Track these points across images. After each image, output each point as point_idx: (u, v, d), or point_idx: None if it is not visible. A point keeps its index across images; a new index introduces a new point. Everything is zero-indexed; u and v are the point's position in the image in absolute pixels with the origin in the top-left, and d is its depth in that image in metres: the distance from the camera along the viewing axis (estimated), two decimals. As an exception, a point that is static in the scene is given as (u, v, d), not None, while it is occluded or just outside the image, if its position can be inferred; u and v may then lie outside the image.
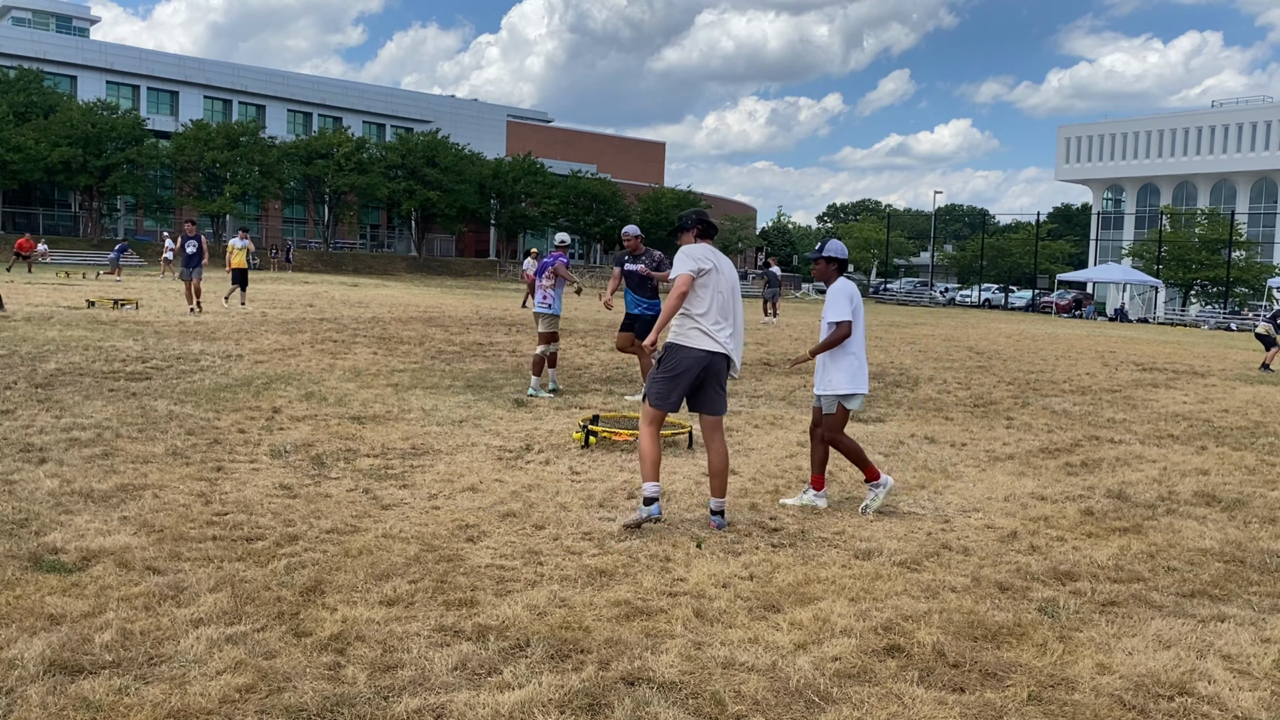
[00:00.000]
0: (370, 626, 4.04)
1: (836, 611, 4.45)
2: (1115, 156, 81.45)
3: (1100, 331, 34.99)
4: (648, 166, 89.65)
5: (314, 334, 16.18)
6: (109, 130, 54.19)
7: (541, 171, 68.16)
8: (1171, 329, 44.68)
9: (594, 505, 6.19)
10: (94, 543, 4.90)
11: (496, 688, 3.54)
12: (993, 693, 3.70)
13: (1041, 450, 8.96)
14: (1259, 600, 4.93)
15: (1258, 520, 6.63)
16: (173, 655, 3.68)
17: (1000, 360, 18.47)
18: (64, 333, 14.47)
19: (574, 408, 10.12)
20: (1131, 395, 13.71)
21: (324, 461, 7.07)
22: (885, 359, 17.36)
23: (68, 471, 6.33)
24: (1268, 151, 72.55)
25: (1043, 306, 60.83)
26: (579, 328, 20.73)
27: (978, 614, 4.51)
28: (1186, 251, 59.85)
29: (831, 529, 5.90)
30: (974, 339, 24.89)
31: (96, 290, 25.21)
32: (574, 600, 4.46)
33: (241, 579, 4.51)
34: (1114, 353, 22.22)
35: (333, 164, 60.84)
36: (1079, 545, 5.80)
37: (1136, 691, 3.76)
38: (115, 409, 8.62)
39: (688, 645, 4.00)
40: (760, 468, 7.57)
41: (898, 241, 77.86)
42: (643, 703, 3.47)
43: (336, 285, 37.45)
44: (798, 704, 3.54)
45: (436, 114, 76.78)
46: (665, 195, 74.58)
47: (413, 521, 5.62)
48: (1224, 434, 10.51)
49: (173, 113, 66.70)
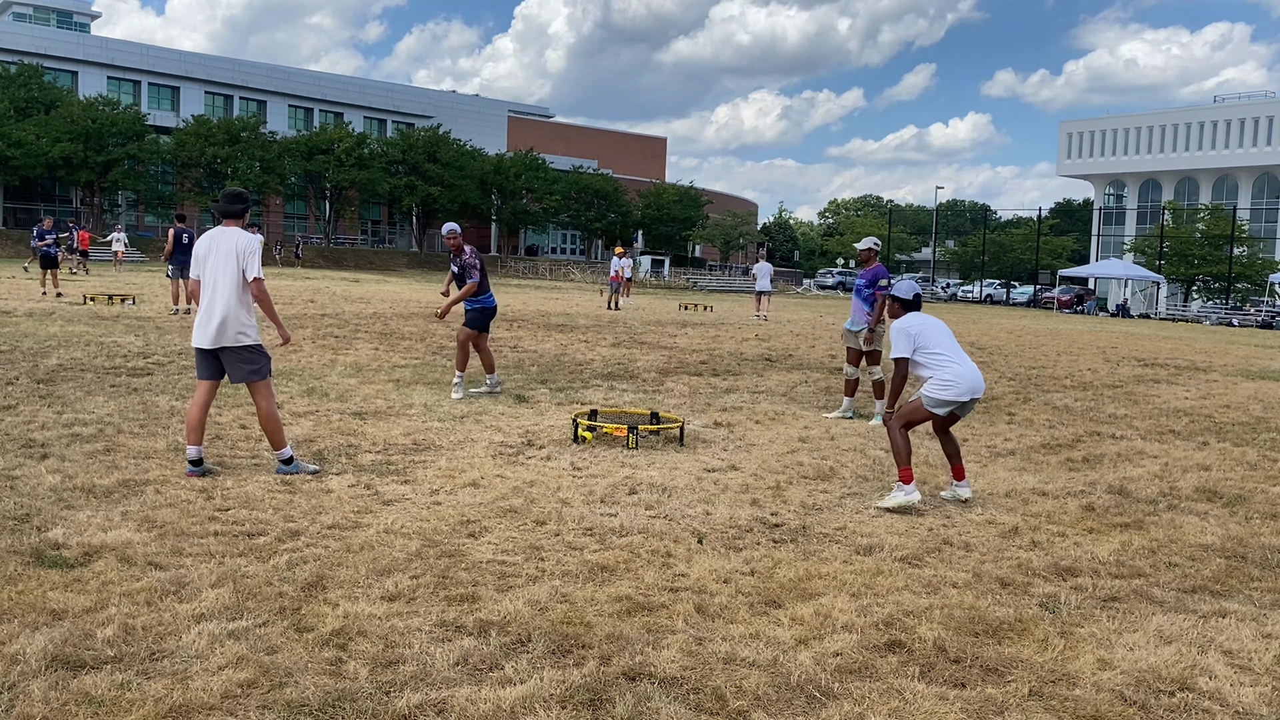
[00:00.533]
0: (372, 622, 4.04)
1: (838, 607, 4.45)
2: (1117, 152, 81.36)
3: (1102, 327, 34.97)
4: (649, 162, 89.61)
5: (315, 329, 16.18)
6: (110, 126, 54.16)
7: (543, 167, 68.12)
8: (1173, 325, 44.66)
9: (595, 501, 6.19)
10: (96, 538, 4.90)
11: (498, 683, 3.54)
12: (994, 688, 3.70)
13: (1043, 446, 8.96)
14: (1260, 596, 4.93)
15: (1259, 516, 6.62)
16: (174, 650, 3.68)
17: (1002, 356, 18.46)
18: (65, 328, 14.47)
19: (575, 403, 10.12)
20: (1133, 391, 13.70)
21: (325, 457, 7.07)
22: (885, 356, 17.35)
23: (69, 467, 6.34)
24: (1270, 147, 72.45)
25: (1044, 302, 60.81)
26: (580, 324, 20.73)
27: (979, 609, 4.52)
28: (1188, 247, 59.79)
29: (833, 525, 5.90)
30: (976, 335, 24.87)
31: (96, 286, 25.20)
32: (575, 596, 4.46)
33: (243, 574, 4.51)
34: (1115, 348, 22.20)
35: (334, 159, 60.82)
36: (1080, 541, 5.80)
37: (1138, 687, 3.76)
38: (117, 404, 8.63)
39: (689, 640, 4.00)
40: (761, 463, 7.57)
41: (900, 237, 77.74)
42: (644, 698, 3.47)
43: (338, 281, 37.45)
44: (799, 699, 3.54)
45: (438, 109, 76.73)
46: (667, 190, 74.56)
47: (414, 517, 5.62)
48: (1225, 429, 10.50)
49: (174, 108, 66.67)
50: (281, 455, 6.48)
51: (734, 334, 20.39)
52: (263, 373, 6.48)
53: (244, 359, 6.42)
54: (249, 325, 6.41)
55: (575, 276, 59.47)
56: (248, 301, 6.42)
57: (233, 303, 6.34)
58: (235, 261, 6.36)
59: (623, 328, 20.30)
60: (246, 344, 6.40)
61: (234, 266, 6.35)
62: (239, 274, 6.35)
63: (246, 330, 6.39)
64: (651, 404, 10.28)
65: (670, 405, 10.33)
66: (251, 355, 6.44)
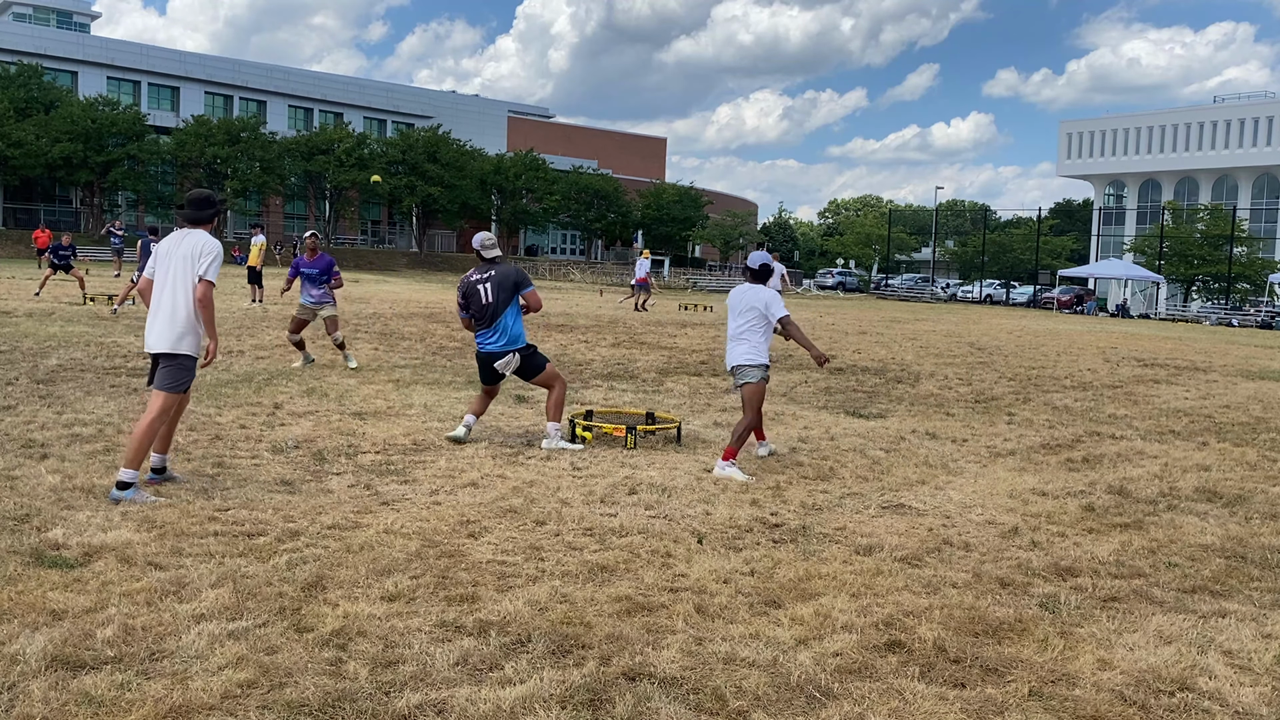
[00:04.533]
0: (372, 622, 4.04)
1: (838, 607, 4.45)
2: (1117, 152, 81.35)
3: (1102, 327, 34.97)
4: (649, 162, 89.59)
5: (315, 330, 16.17)
6: (110, 126, 54.13)
7: (543, 167, 68.09)
8: (1173, 325, 44.65)
9: (595, 501, 6.19)
10: (96, 538, 4.90)
11: (498, 683, 3.54)
12: (994, 688, 3.70)
13: (1043, 446, 8.96)
14: (1260, 596, 4.93)
15: (1259, 516, 6.62)
16: (174, 651, 3.68)
17: (1001, 356, 18.46)
18: (65, 328, 14.47)
19: (574, 403, 10.12)
20: (1133, 391, 13.70)
21: (325, 457, 7.07)
22: (886, 354, 17.36)
23: (69, 467, 6.34)
24: (1270, 147, 72.42)
25: (1044, 302, 60.74)
26: (580, 324, 20.73)
27: (979, 610, 4.52)
28: (1188, 247, 59.73)
29: (833, 525, 5.90)
30: (975, 335, 24.87)
31: (97, 286, 25.19)
32: (575, 596, 4.46)
33: (243, 574, 4.51)
34: (1115, 349, 22.20)
35: (334, 160, 60.81)
36: (1080, 541, 5.80)
37: (1137, 687, 3.76)
38: (117, 405, 8.63)
39: (689, 641, 4.00)
40: (761, 463, 7.57)
41: (899, 237, 77.70)
42: (644, 698, 3.47)
43: (338, 281, 37.40)
44: (799, 699, 3.54)
45: (438, 109, 76.70)
46: (667, 191, 74.51)
47: (414, 517, 5.62)
48: (1225, 430, 10.50)
49: (174, 108, 66.65)
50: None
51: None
52: (180, 387, 5.91)
53: (171, 364, 5.88)
54: (192, 332, 5.90)
55: (575, 277, 59.46)
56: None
57: (181, 306, 5.85)
58: (192, 265, 5.85)
59: (622, 328, 20.30)
60: (183, 351, 5.88)
61: (190, 270, 5.85)
62: (194, 278, 5.85)
63: (188, 337, 5.88)
64: (651, 404, 10.28)
65: (670, 406, 10.33)
66: (179, 363, 5.89)
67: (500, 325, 7.78)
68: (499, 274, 7.81)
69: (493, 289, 7.75)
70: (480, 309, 7.79)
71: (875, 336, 21.77)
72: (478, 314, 7.83)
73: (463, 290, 7.88)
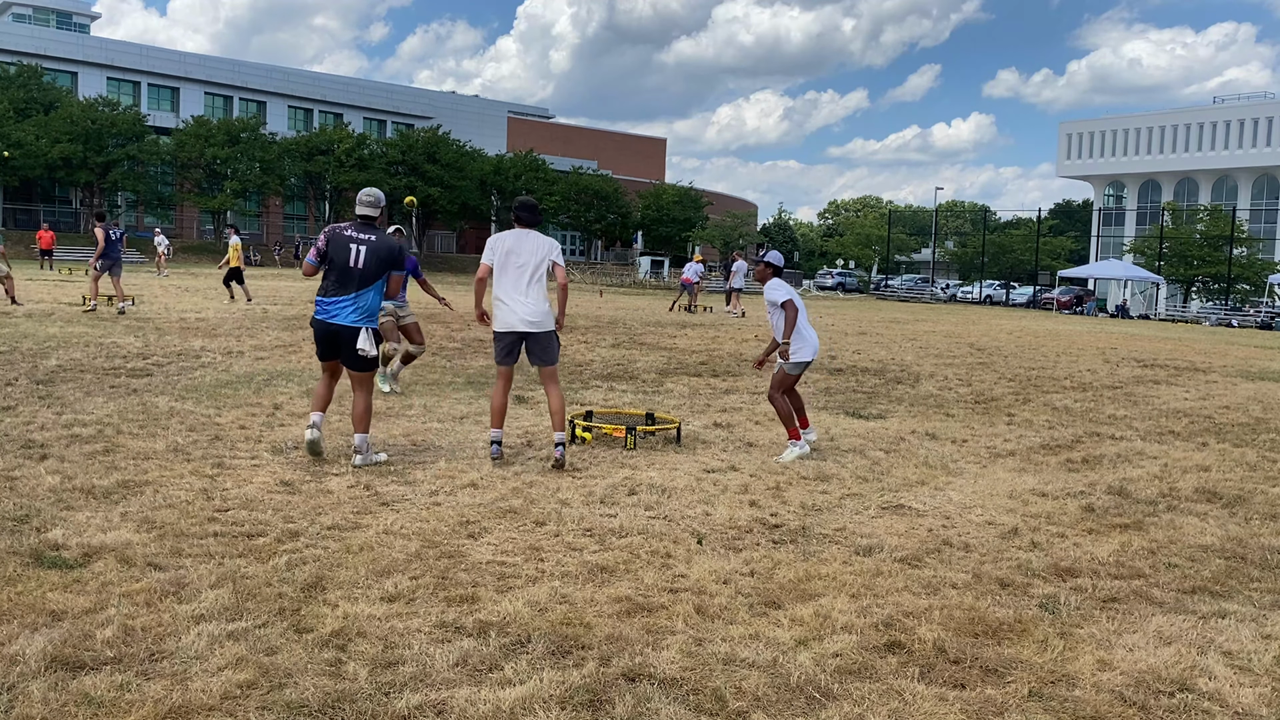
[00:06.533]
0: (371, 623, 4.04)
1: (837, 608, 4.45)
2: (1117, 152, 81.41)
3: (1101, 328, 34.97)
4: (649, 163, 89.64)
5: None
6: (109, 127, 54.18)
7: (543, 168, 68.11)
8: (1173, 325, 44.66)
9: (595, 501, 6.19)
10: (95, 539, 4.90)
11: (497, 684, 3.54)
12: (993, 689, 3.70)
13: (1043, 447, 8.96)
14: (1260, 596, 4.93)
15: (1259, 517, 6.62)
16: (174, 651, 3.68)
17: (1001, 357, 18.46)
18: (65, 329, 14.47)
19: (574, 404, 10.12)
20: (1133, 392, 13.70)
21: (325, 458, 7.07)
22: (886, 355, 17.36)
23: (69, 468, 6.34)
24: (1270, 147, 72.49)
25: (1044, 303, 60.74)
26: (580, 324, 20.73)
27: (978, 610, 4.52)
28: (1188, 248, 59.76)
29: (832, 525, 5.90)
30: (975, 335, 24.88)
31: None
32: (575, 596, 4.46)
33: (243, 575, 4.51)
34: (1115, 349, 22.20)
35: (333, 160, 60.83)
36: (1080, 542, 5.80)
37: (1137, 688, 3.76)
38: (116, 405, 8.63)
39: (689, 641, 4.00)
40: (761, 464, 7.57)
41: (899, 238, 77.74)
42: (644, 699, 3.47)
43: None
44: (799, 700, 3.54)
45: (438, 110, 76.74)
46: (666, 191, 74.54)
47: (413, 518, 5.62)
48: (1225, 430, 10.50)
49: (173, 109, 66.69)
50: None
51: (733, 334, 20.39)
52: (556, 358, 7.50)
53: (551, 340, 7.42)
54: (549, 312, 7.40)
55: (575, 277, 59.43)
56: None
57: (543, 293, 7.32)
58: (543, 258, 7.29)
59: (622, 328, 20.30)
60: (551, 328, 7.41)
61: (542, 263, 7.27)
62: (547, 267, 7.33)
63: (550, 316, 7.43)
64: (651, 405, 10.28)
65: (670, 406, 10.33)
66: (555, 336, 7.45)
67: (361, 298, 6.89)
68: (379, 242, 6.92)
69: (367, 254, 6.85)
70: (343, 271, 6.85)
71: (875, 337, 21.77)
72: (339, 276, 6.86)
73: (327, 238, 6.92)
